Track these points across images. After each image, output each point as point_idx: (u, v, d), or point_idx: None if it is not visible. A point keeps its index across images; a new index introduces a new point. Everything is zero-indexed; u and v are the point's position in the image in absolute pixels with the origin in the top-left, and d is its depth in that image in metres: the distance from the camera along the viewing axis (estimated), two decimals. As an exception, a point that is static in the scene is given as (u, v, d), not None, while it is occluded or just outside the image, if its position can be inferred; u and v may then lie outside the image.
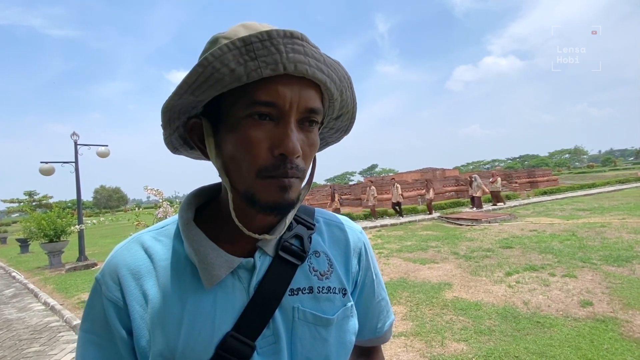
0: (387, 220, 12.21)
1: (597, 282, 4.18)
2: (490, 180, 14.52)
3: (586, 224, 8.08)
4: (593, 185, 19.89)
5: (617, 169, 50.04)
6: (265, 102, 0.40)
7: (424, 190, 13.37)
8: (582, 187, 19.49)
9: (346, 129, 0.56)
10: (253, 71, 0.38)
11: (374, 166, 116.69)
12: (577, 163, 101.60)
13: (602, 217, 9.07)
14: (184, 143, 0.52)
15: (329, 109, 0.49)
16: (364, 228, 10.93)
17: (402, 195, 12.73)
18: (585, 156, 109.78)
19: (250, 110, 0.41)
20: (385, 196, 17.68)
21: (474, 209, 13.13)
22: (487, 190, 13.67)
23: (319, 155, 0.54)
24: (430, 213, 13.04)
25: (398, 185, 12.60)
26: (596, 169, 59.12)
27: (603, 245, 5.90)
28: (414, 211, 13.63)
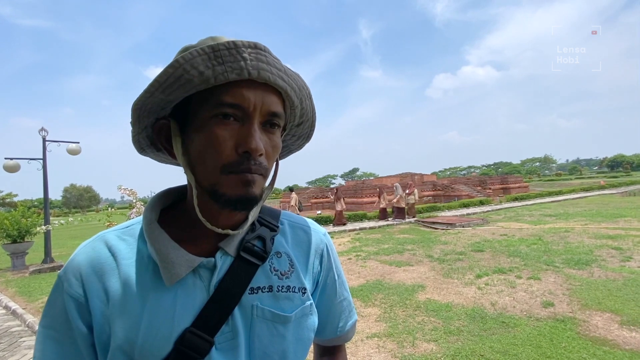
0: (365, 224, 12.36)
1: (559, 284, 4.42)
2: (407, 192, 13.20)
3: (552, 229, 8.50)
4: (560, 193, 20.94)
5: (583, 177, 52.95)
6: (230, 104, 0.44)
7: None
8: (550, 194, 20.48)
9: (307, 136, 0.61)
10: (220, 74, 0.42)
11: (355, 169, 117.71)
12: (546, 171, 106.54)
13: (566, 222, 9.58)
14: (151, 144, 0.54)
15: (290, 115, 0.53)
16: (331, 233, 11.01)
17: (297, 207, 11.93)
18: (554, 165, 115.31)
19: (217, 111, 0.44)
20: (365, 200, 17.93)
21: (390, 219, 12.56)
22: (402, 203, 12.71)
23: (300, 159, 0.58)
24: (342, 225, 12.08)
25: (294, 195, 12.14)
26: (564, 177, 62.24)
27: (566, 249, 6.23)
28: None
